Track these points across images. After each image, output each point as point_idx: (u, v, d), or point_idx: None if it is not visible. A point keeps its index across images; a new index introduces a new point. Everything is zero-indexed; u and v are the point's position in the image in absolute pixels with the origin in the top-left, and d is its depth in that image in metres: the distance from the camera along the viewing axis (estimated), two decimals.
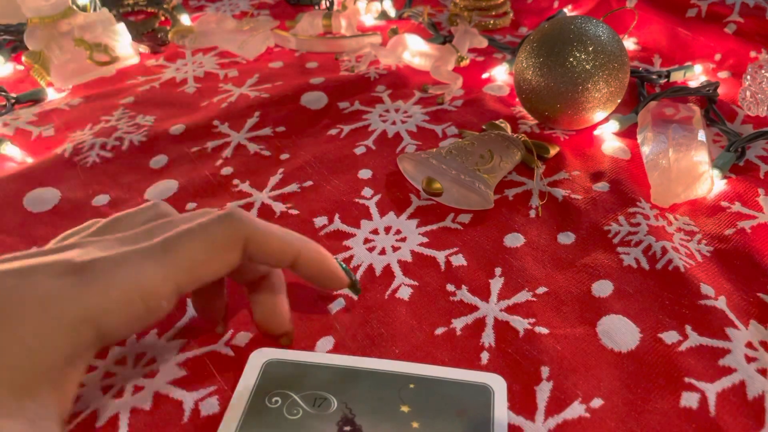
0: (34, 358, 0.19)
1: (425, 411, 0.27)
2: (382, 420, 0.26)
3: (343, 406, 0.27)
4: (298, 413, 0.27)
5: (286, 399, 0.27)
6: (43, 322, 0.19)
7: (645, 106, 0.46)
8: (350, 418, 0.26)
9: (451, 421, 0.26)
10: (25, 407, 0.19)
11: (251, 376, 0.28)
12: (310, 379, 0.28)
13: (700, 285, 0.33)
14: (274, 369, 0.29)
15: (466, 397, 0.27)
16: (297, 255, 0.27)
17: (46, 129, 0.53)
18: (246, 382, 0.28)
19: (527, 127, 0.50)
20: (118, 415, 0.28)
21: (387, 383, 0.28)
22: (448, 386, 0.28)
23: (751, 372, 0.28)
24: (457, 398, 0.27)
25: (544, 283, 0.34)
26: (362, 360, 0.29)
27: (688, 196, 0.40)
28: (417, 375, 0.28)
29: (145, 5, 0.78)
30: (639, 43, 0.63)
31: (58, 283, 0.20)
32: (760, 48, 0.55)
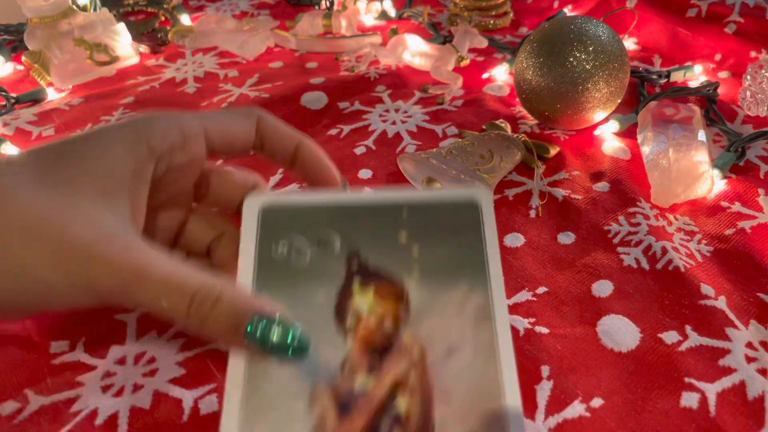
0: (109, 169, 0.25)
1: (422, 237, 0.27)
2: (384, 251, 0.27)
3: (346, 243, 0.27)
4: (305, 258, 0.27)
5: (291, 245, 0.27)
6: (112, 143, 0.25)
7: (645, 106, 0.46)
8: (354, 254, 0.27)
9: (446, 243, 0.27)
10: (112, 206, 0.24)
11: (251, 225, 0.28)
12: (309, 221, 0.28)
13: (700, 285, 0.33)
14: (272, 215, 0.28)
15: (457, 217, 0.28)
16: (300, 142, 0.30)
17: (46, 129, 0.53)
18: (248, 235, 0.27)
19: (527, 127, 0.50)
20: (117, 414, 0.28)
21: (383, 214, 0.28)
22: (439, 209, 0.28)
23: (751, 372, 0.28)
24: (449, 219, 0.28)
25: (545, 283, 0.34)
26: (356, 195, 0.29)
27: (688, 196, 0.40)
28: (409, 202, 0.28)
29: (145, 5, 0.78)
30: (639, 43, 0.63)
31: (119, 125, 0.27)
32: (760, 48, 0.55)
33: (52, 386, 0.30)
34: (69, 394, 0.30)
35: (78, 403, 0.29)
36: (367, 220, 0.28)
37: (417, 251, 0.27)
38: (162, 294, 0.23)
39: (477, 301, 0.26)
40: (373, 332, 0.25)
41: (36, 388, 0.30)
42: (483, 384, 0.24)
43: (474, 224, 0.28)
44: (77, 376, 0.30)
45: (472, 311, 0.25)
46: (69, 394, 0.30)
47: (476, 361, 0.24)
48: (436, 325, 0.25)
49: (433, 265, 0.27)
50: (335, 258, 0.27)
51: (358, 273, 0.27)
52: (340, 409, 0.24)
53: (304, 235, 0.27)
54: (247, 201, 0.28)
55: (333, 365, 0.25)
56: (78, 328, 0.33)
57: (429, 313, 0.26)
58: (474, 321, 0.25)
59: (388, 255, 0.27)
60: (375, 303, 0.26)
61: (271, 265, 0.27)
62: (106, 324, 0.33)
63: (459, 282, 0.26)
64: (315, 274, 0.26)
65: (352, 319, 0.26)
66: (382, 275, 0.26)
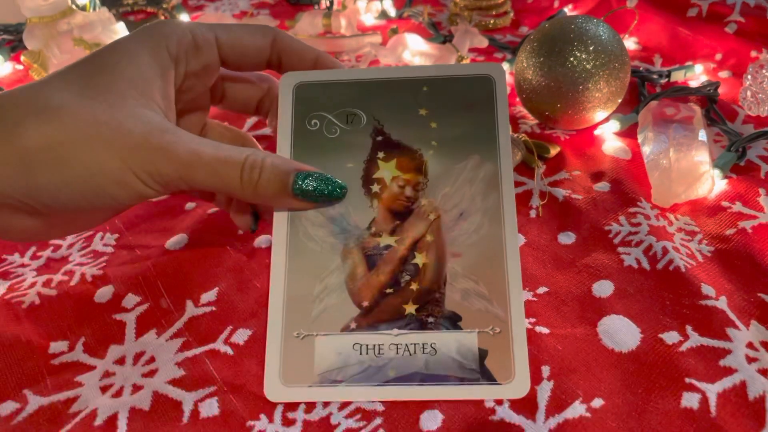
0: (141, 74, 0.27)
1: (439, 111, 0.31)
2: (405, 125, 0.31)
3: (371, 118, 0.31)
4: (336, 132, 0.31)
5: (323, 120, 0.31)
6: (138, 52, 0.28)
7: (646, 106, 0.46)
8: (380, 128, 0.31)
9: (462, 118, 0.30)
10: (150, 105, 0.27)
11: (287, 102, 0.32)
12: (339, 97, 0.31)
13: (701, 285, 0.33)
14: (304, 92, 0.32)
15: (472, 92, 0.31)
16: (318, 55, 0.32)
17: None
18: (285, 111, 0.31)
19: (528, 126, 0.50)
20: (117, 415, 0.28)
21: (404, 90, 0.31)
22: (456, 83, 0.31)
23: (752, 372, 0.28)
24: (465, 94, 0.31)
25: (545, 283, 0.34)
26: (380, 70, 0.32)
27: (688, 196, 0.39)
28: (428, 77, 0.31)
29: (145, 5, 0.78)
30: (639, 42, 0.63)
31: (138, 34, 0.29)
32: (761, 47, 0.55)
33: (51, 386, 0.30)
34: (68, 395, 0.29)
35: (77, 403, 0.29)
36: (390, 95, 0.31)
37: (435, 125, 0.31)
38: (217, 170, 0.27)
39: (487, 172, 0.29)
40: (395, 198, 0.29)
41: (35, 388, 0.30)
42: (489, 244, 0.28)
43: (488, 99, 0.31)
44: (76, 376, 0.30)
45: (482, 181, 0.29)
46: (68, 394, 0.30)
47: (484, 224, 0.29)
48: (450, 192, 0.29)
49: (449, 138, 0.30)
50: (361, 132, 0.31)
51: (382, 145, 0.30)
52: (368, 263, 0.28)
53: (334, 109, 0.31)
54: (283, 79, 0.32)
55: (361, 226, 0.29)
56: (77, 328, 0.33)
57: (444, 181, 0.29)
58: (484, 189, 0.29)
59: (408, 129, 0.31)
60: (396, 172, 0.30)
61: (306, 136, 0.31)
62: (106, 324, 0.33)
63: (472, 154, 0.30)
64: (344, 146, 0.30)
65: (376, 187, 0.30)
66: (403, 147, 0.30)
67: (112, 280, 0.36)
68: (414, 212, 0.29)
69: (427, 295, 0.28)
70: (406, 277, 0.28)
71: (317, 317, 0.28)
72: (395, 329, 0.27)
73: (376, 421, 0.28)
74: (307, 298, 0.28)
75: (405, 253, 0.29)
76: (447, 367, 0.27)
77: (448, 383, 0.27)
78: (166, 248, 0.38)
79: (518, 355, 0.26)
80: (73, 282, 0.36)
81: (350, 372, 0.27)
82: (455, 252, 0.28)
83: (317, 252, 0.29)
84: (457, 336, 0.27)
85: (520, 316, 0.27)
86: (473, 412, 0.28)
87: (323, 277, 0.29)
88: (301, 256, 0.29)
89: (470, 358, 0.27)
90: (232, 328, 0.33)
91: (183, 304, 0.34)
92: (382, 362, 0.27)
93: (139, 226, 0.41)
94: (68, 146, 0.25)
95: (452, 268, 0.28)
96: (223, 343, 0.32)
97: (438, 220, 0.29)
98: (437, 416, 0.28)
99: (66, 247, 0.39)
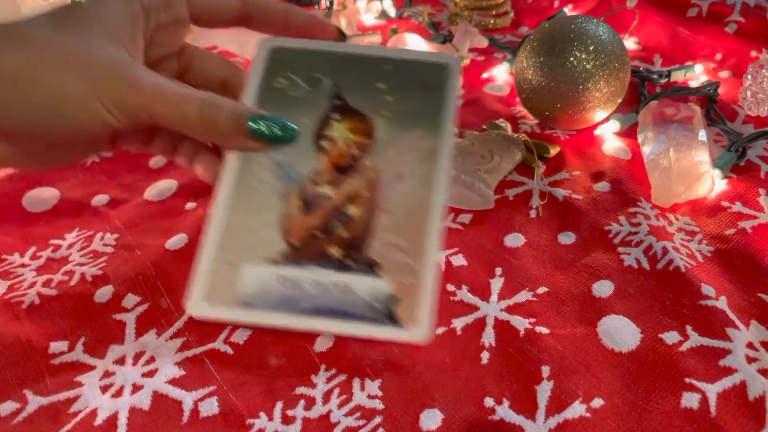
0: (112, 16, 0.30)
1: (396, 87, 0.34)
2: (363, 95, 0.34)
3: (333, 84, 0.34)
4: (299, 92, 0.34)
5: (289, 80, 0.34)
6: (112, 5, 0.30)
7: (646, 106, 0.46)
8: (339, 93, 0.34)
9: (415, 95, 0.33)
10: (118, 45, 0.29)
11: (260, 60, 0.35)
12: (308, 63, 0.35)
13: (701, 285, 0.33)
14: (278, 55, 0.35)
15: (428, 75, 0.34)
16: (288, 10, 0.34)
17: None
18: (257, 68, 0.34)
19: (528, 126, 0.50)
20: (117, 414, 0.28)
21: (368, 65, 0.35)
22: (416, 66, 0.35)
23: (751, 372, 0.28)
24: (422, 76, 0.34)
25: (545, 283, 0.34)
26: (350, 47, 0.35)
27: (688, 196, 0.39)
28: (392, 57, 0.35)
29: None
30: (639, 42, 0.63)
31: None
32: (761, 47, 0.55)
33: (51, 386, 0.30)
34: (68, 395, 0.29)
35: (77, 403, 0.29)
36: (355, 68, 0.35)
37: (390, 98, 0.34)
38: (179, 105, 0.29)
39: (428, 145, 0.32)
40: (341, 155, 0.32)
41: (35, 388, 0.30)
42: (418, 206, 0.31)
43: (441, 84, 0.34)
44: (76, 376, 0.30)
45: (422, 152, 0.32)
46: (68, 394, 0.30)
47: (417, 189, 0.31)
48: (392, 157, 0.32)
49: (401, 111, 0.33)
50: (323, 95, 0.34)
51: (338, 108, 0.33)
52: (305, 207, 0.31)
53: (302, 73, 0.34)
54: (262, 41, 0.35)
55: (305, 175, 0.32)
56: (78, 328, 0.33)
57: (389, 147, 0.32)
58: (422, 159, 0.32)
59: (365, 98, 0.34)
60: (347, 133, 0.33)
61: (271, 92, 0.34)
62: (106, 324, 0.33)
63: (418, 128, 0.33)
64: (305, 104, 0.33)
65: (326, 143, 0.32)
66: (357, 113, 0.33)
67: (112, 280, 0.36)
68: (356, 169, 0.32)
69: (353, 242, 0.30)
70: (336, 224, 0.31)
71: (247, 247, 0.30)
72: (316, 267, 0.30)
73: (375, 419, 0.28)
74: (242, 229, 0.31)
75: (339, 203, 0.31)
76: (357, 307, 0.29)
77: (356, 320, 0.29)
78: (166, 248, 0.38)
79: (424, 306, 0.28)
80: (73, 282, 0.36)
81: (268, 300, 0.29)
82: (387, 209, 0.31)
83: (260, 191, 0.32)
84: (372, 281, 0.29)
85: (432, 271, 0.29)
86: (473, 412, 0.28)
87: (261, 213, 0.31)
88: (244, 191, 0.32)
89: (380, 301, 0.29)
90: (232, 327, 0.33)
91: (183, 304, 0.34)
92: (299, 295, 0.29)
93: (139, 226, 0.41)
94: (38, 70, 0.27)
95: (381, 223, 0.31)
96: (223, 343, 0.32)
97: (376, 179, 0.32)
98: (437, 415, 0.28)
99: (66, 247, 0.39)
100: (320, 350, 0.31)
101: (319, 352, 0.31)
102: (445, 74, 0.35)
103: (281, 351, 0.31)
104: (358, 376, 0.30)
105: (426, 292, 0.29)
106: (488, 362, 0.30)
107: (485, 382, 0.29)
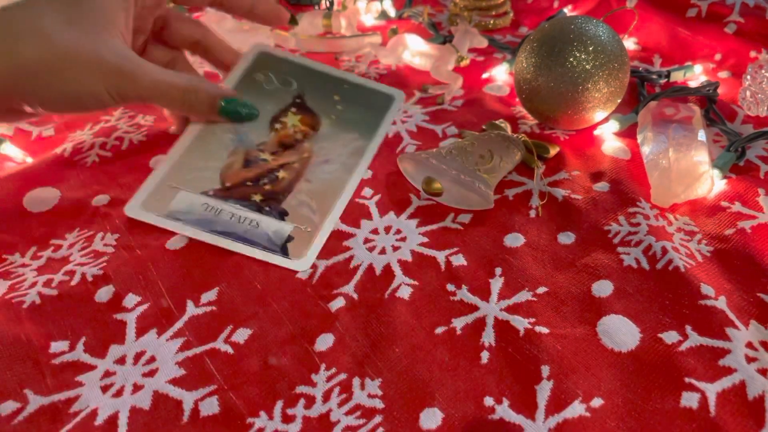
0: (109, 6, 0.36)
1: (348, 100, 0.45)
2: (319, 100, 0.45)
3: (299, 88, 0.45)
4: (271, 87, 0.44)
5: (266, 76, 0.45)
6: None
7: (645, 106, 0.46)
8: (301, 94, 0.45)
9: (361, 110, 0.45)
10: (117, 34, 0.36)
11: (247, 58, 0.45)
12: (285, 68, 0.45)
13: (701, 285, 0.33)
14: (263, 57, 0.46)
15: (376, 100, 0.45)
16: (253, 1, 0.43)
17: (46, 129, 0.53)
18: (242, 63, 0.45)
19: (527, 127, 0.50)
20: (117, 415, 0.28)
21: (332, 81, 0.46)
22: (369, 91, 0.46)
23: (751, 372, 0.28)
24: (372, 99, 0.45)
25: (545, 283, 0.34)
26: (322, 66, 0.47)
27: (688, 196, 0.39)
28: (353, 81, 0.46)
29: None
30: (639, 43, 0.63)
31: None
32: (761, 48, 0.55)
33: (52, 386, 0.30)
34: (69, 394, 0.30)
35: (78, 403, 0.29)
36: (320, 81, 0.46)
37: (340, 107, 0.44)
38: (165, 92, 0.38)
39: (357, 145, 0.42)
40: (287, 135, 0.42)
41: (35, 388, 0.30)
42: (334, 182, 0.40)
43: (384, 107, 0.45)
44: (77, 375, 0.30)
45: (352, 148, 0.42)
46: (69, 394, 0.30)
47: (338, 170, 0.40)
48: (326, 146, 0.42)
49: (345, 118, 0.44)
50: (289, 93, 0.44)
51: (297, 106, 0.44)
52: (245, 164, 0.40)
53: (277, 74, 0.45)
54: (254, 45, 0.46)
55: (255, 143, 0.41)
56: (78, 328, 0.33)
57: (327, 139, 0.42)
58: (350, 152, 0.42)
59: (320, 102, 0.44)
60: (297, 123, 0.43)
61: (250, 81, 0.44)
62: (106, 324, 0.33)
63: (354, 132, 0.43)
64: (272, 95, 0.44)
65: (279, 126, 0.43)
66: (309, 110, 0.44)
67: (112, 280, 0.36)
68: (296, 148, 0.42)
69: (274, 195, 0.38)
70: (265, 180, 0.39)
71: (189, 180, 0.39)
72: (238, 205, 0.38)
73: (375, 419, 0.28)
74: (189, 167, 0.40)
75: (273, 167, 0.40)
76: (260, 238, 0.36)
77: (256, 247, 0.36)
78: (167, 248, 0.38)
79: (312, 249, 0.36)
80: (73, 282, 0.36)
81: (190, 217, 0.37)
82: (308, 179, 0.40)
83: (215, 144, 0.41)
84: (278, 223, 0.37)
85: (328, 228, 0.37)
86: (473, 411, 0.28)
87: (209, 159, 0.40)
88: (201, 142, 0.41)
89: (279, 237, 0.36)
90: (233, 327, 0.33)
91: (183, 304, 0.34)
92: (216, 219, 0.37)
93: (139, 226, 0.41)
94: (57, 65, 0.34)
95: (301, 187, 0.39)
96: (224, 343, 0.32)
97: (308, 158, 0.41)
98: (437, 414, 0.28)
99: (66, 247, 0.39)
100: (320, 349, 0.31)
101: (319, 352, 0.31)
102: (389, 102, 0.45)
103: (281, 350, 0.31)
104: (358, 376, 0.30)
105: (317, 241, 0.36)
106: (488, 362, 0.30)
107: (485, 381, 0.29)
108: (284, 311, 0.34)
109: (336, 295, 0.34)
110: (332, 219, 0.38)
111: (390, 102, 0.45)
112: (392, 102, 0.45)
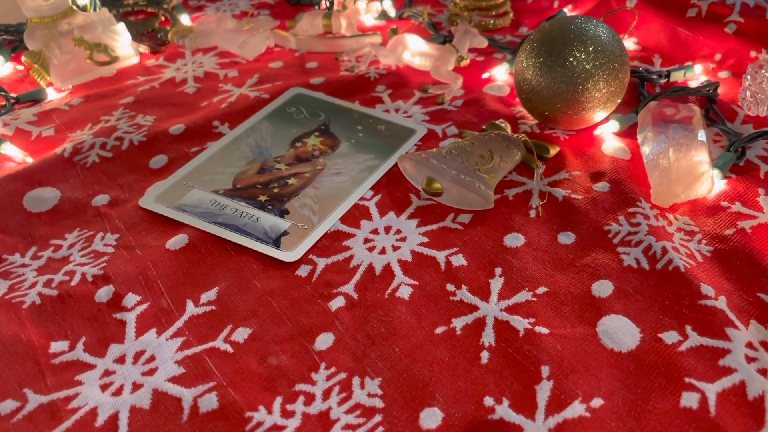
0: None
1: (371, 131, 0.49)
2: (343, 128, 0.49)
3: (325, 118, 0.50)
4: (300, 117, 0.50)
5: (297, 109, 0.51)
6: None
7: (645, 106, 0.46)
8: (326, 123, 0.50)
9: (381, 138, 0.48)
10: None
11: (283, 97, 0.52)
12: (316, 105, 0.52)
13: (701, 285, 0.33)
14: (298, 96, 0.53)
15: (398, 132, 0.49)
16: None
17: (46, 129, 0.53)
18: (279, 99, 0.52)
19: (527, 127, 0.50)
20: (117, 414, 0.28)
21: (358, 116, 0.50)
22: (394, 126, 0.49)
23: (751, 372, 0.28)
24: (393, 131, 0.49)
25: (545, 283, 0.34)
26: (354, 105, 0.52)
27: (688, 196, 0.39)
28: (379, 117, 0.50)
29: (145, 5, 0.78)
30: (639, 43, 0.63)
31: None
32: (761, 48, 0.55)
33: (51, 385, 0.30)
34: (68, 393, 0.30)
35: (77, 401, 0.29)
36: (347, 115, 0.51)
37: (361, 134, 0.48)
38: None
39: (371, 164, 0.45)
40: (305, 151, 0.47)
41: (35, 387, 0.30)
42: (340, 190, 0.42)
43: (403, 138, 0.48)
44: (77, 375, 0.30)
45: (365, 165, 0.45)
46: (68, 392, 0.30)
47: (347, 182, 0.43)
48: (341, 162, 0.45)
49: (364, 142, 0.47)
50: (316, 122, 0.50)
51: (321, 131, 0.49)
52: (259, 171, 0.44)
53: (308, 108, 0.51)
54: (291, 89, 0.53)
55: (272, 155, 0.46)
56: (78, 327, 0.33)
57: (342, 157, 0.46)
58: (362, 169, 0.44)
59: (343, 130, 0.49)
60: (317, 142, 0.47)
61: (281, 113, 0.51)
62: (106, 323, 0.33)
63: (370, 153, 0.46)
64: (299, 123, 0.50)
65: (299, 144, 0.47)
66: (332, 134, 0.49)
67: (112, 279, 0.36)
68: (310, 161, 0.45)
69: (279, 197, 0.42)
70: (275, 184, 0.43)
71: (204, 182, 0.43)
72: (243, 203, 0.41)
73: (375, 418, 0.28)
74: (208, 170, 0.44)
75: (284, 174, 0.44)
76: (257, 231, 0.39)
77: (251, 238, 0.38)
78: (167, 248, 0.38)
79: (304, 244, 0.38)
80: (73, 282, 0.36)
81: (196, 210, 0.40)
82: (316, 186, 0.43)
83: (237, 155, 0.46)
84: (277, 220, 0.40)
85: (324, 228, 0.39)
86: (473, 411, 0.28)
87: (227, 167, 0.45)
88: (225, 153, 0.46)
89: (274, 232, 0.39)
90: (232, 326, 0.33)
91: (183, 304, 0.34)
92: (219, 213, 0.40)
93: (139, 226, 0.41)
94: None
95: (307, 192, 0.42)
96: (223, 342, 0.32)
97: (321, 169, 0.44)
98: (437, 414, 0.28)
99: (67, 248, 0.39)
100: (320, 349, 0.31)
101: (319, 351, 0.31)
102: (410, 134, 0.48)
103: (281, 349, 0.31)
104: (358, 375, 0.30)
105: (311, 239, 0.38)
106: (488, 362, 0.30)
107: (485, 381, 0.29)
108: (284, 310, 0.34)
109: (336, 294, 0.34)
110: (330, 221, 0.39)
111: (411, 134, 0.48)
112: (413, 134, 0.48)
